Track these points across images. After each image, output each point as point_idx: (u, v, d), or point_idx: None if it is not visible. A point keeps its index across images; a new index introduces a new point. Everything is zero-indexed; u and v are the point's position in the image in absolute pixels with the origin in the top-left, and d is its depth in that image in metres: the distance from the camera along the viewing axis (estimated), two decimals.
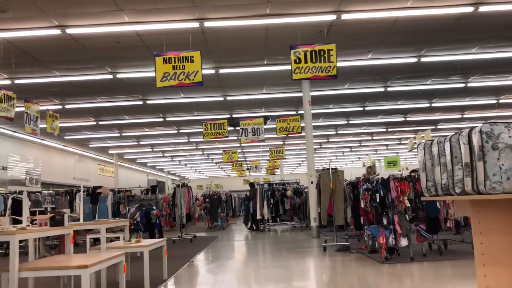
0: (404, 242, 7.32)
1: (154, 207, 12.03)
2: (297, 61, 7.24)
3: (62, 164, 22.54)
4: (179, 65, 7.13)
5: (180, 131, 19.29)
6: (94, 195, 13.21)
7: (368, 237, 8.02)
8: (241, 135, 13.02)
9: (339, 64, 11.44)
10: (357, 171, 23.31)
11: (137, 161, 29.82)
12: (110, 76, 11.47)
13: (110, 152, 24.50)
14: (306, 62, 7.21)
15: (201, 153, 26.75)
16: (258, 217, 15.74)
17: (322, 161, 39.04)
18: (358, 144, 26.62)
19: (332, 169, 9.45)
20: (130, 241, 6.31)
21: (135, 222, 11.69)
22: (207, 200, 17.65)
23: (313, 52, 7.25)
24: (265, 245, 11.43)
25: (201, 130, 19.13)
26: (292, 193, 15.36)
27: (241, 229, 17.55)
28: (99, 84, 12.16)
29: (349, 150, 29.06)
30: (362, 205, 8.02)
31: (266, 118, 16.22)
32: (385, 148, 28.83)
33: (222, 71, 11.40)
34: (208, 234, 15.97)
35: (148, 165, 32.19)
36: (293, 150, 27.35)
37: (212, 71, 11.38)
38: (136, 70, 11.23)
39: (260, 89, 13.53)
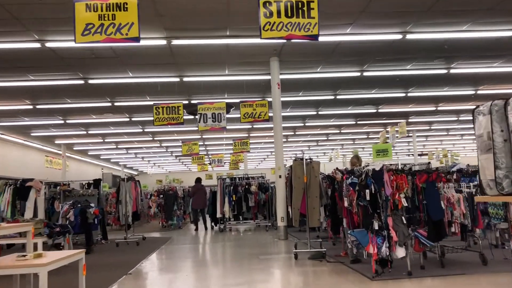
0: (400, 252, 5.66)
1: (92, 204, 9.95)
2: (268, 14, 5.43)
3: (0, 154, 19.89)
4: (108, 15, 5.19)
5: (133, 119, 17.13)
6: (22, 189, 10.99)
7: (352, 244, 6.32)
8: (199, 121, 11.10)
9: None
10: (325, 167, 21.81)
11: (89, 153, 27.28)
12: (37, 45, 9.30)
13: (56, 142, 21.96)
14: (279, 16, 5.41)
15: (159, 145, 24.57)
16: (218, 215, 13.86)
17: (287, 156, 37.48)
18: (325, 138, 25.16)
19: (306, 159, 7.71)
20: (25, 256, 4.32)
21: (68, 222, 9.58)
22: (161, 196, 15.62)
23: (289, 3, 5.45)
24: (225, 250, 9.59)
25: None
26: (257, 189, 13.57)
27: (200, 227, 15.62)
28: (26, 54, 9.97)
29: (316, 144, 27.59)
30: (346, 204, 6.32)
31: (229, 106, 14.36)
32: (352, 142, 27.57)
33: (175, 42, 9.44)
34: (161, 234, 13.95)
35: (101, 157, 29.65)
36: (258, 143, 25.60)
37: (163, 42, 9.40)
38: (70, 37, 9.13)
39: (222, 69, 11.64)
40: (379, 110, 17.90)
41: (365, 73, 12.51)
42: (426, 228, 5.88)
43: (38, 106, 14.36)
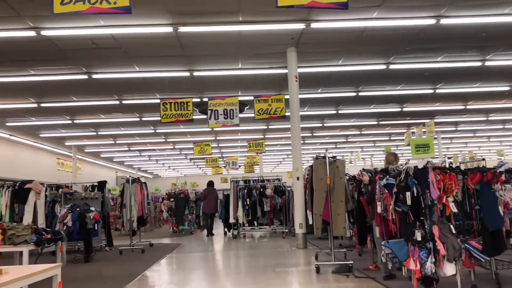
0: (449, 269, 4.57)
1: (93, 208, 9.04)
2: None
3: (10, 156, 19.27)
4: None
5: (143, 119, 16.28)
6: (21, 192, 10.18)
7: (386, 257, 5.25)
8: (209, 118, 10.14)
9: (337, 24, 8.70)
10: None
11: (101, 156, 26.59)
12: (33, 33, 8.46)
13: (67, 144, 21.28)
14: None
15: (172, 147, 23.73)
16: (232, 220, 12.86)
17: (304, 159, 36.45)
18: (345, 140, 23.97)
19: (330, 157, 6.66)
20: None
21: (65, 227, 8.70)
22: (172, 200, 14.70)
23: None
24: (238, 261, 8.57)
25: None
26: (272, 192, 12.53)
27: (214, 233, 14.65)
28: (23, 45, 9.17)
29: (334, 146, 26.40)
30: (379, 210, 5.25)
31: (243, 105, 13.41)
32: (373, 144, 26.30)
33: (182, 29, 8.50)
34: (171, 241, 13.01)
35: (114, 160, 28.95)
36: (274, 145, 24.56)
37: (169, 29, 8.47)
38: (70, 25, 8.26)
39: (235, 62, 10.67)
40: (404, 109, 16.70)
41: (391, 66, 11.39)
42: (480, 239, 4.77)
43: (43, 105, 13.60)
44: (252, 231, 14.17)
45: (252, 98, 10.68)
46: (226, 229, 14.08)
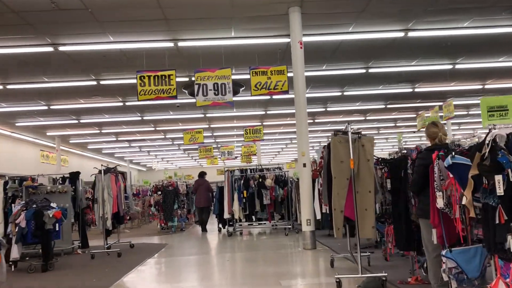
0: None
1: (54, 204, 7.23)
2: None
3: None
4: None
5: (127, 103, 14.43)
6: None
7: (449, 273, 3.49)
8: (197, 94, 8.34)
9: None
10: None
11: (88, 147, 24.72)
12: None
13: (49, 134, 19.39)
14: None
15: (163, 136, 21.89)
16: (226, 216, 11.10)
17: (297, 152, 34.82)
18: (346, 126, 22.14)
19: (353, 133, 4.90)
20: None
21: (17, 228, 6.92)
22: (159, 192, 12.92)
23: None
24: (232, 267, 6.81)
25: (155, 102, 14.44)
26: (273, 182, 10.75)
27: (206, 230, 12.91)
28: None
29: (334, 134, 24.54)
30: (440, 204, 3.49)
31: (238, 85, 11.62)
32: (376, 132, 24.54)
33: None
34: (157, 239, 11.27)
35: (103, 152, 27.08)
36: (272, 133, 22.76)
37: None
38: None
39: (227, 29, 8.85)
40: (416, 90, 14.92)
41: (410, 34, 9.59)
42: None
43: (9, 86, 11.74)
44: (250, 228, 12.41)
45: (248, 76, 8.89)
46: (220, 225, 12.34)
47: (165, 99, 8.43)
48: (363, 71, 12.21)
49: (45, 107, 14.30)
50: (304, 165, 7.96)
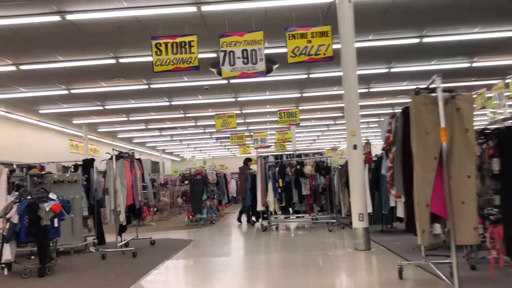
0: None
1: (53, 196, 5.95)
2: None
3: (12, 138, 16.62)
4: None
5: (152, 86, 13.15)
6: None
7: None
8: (222, 64, 6.85)
9: None
10: None
11: (118, 136, 23.82)
12: None
13: (75, 122, 18.48)
14: None
15: (194, 123, 20.61)
16: (260, 208, 9.64)
17: (331, 143, 33.02)
18: (392, 110, 20.17)
19: (445, 90, 3.27)
20: None
21: (8, 225, 5.68)
22: (186, 182, 11.59)
23: None
24: (269, 277, 5.32)
25: (184, 84, 13.14)
26: (313, 170, 9.17)
27: (238, 224, 11.52)
28: None
29: (378, 119, 22.53)
30: None
31: (271, 62, 10.13)
32: None
33: None
34: (183, 234, 9.96)
35: (134, 141, 26.17)
36: (308, 119, 21.04)
37: None
38: None
39: None
40: (473, 64, 12.91)
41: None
42: None
43: (22, 67, 10.65)
44: (287, 221, 10.91)
45: (283, 50, 7.32)
46: (253, 218, 10.90)
47: (185, 70, 6.97)
48: (417, 40, 10.37)
49: (66, 91, 13.21)
50: (355, 146, 6.36)
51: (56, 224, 5.77)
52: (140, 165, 7.72)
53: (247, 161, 11.77)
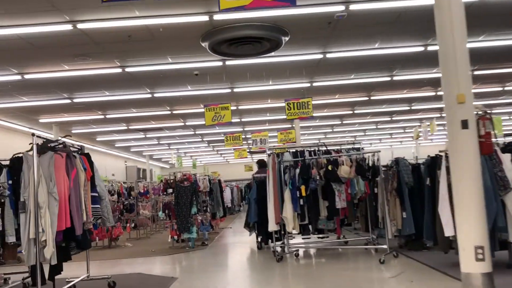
0: None
1: None
2: None
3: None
4: None
5: (126, 70, 10.11)
6: None
7: None
8: None
9: None
10: (400, 151, 13.78)
11: (98, 139, 20.65)
12: None
13: (42, 121, 15.30)
14: None
15: (182, 123, 17.52)
16: (272, 227, 6.65)
17: (343, 138, 29.28)
18: (408, 108, 17.30)
19: None
20: None
21: None
22: (170, 190, 8.58)
23: None
24: None
25: (168, 67, 10.29)
26: (353, 172, 6.19)
27: (239, 244, 8.51)
28: None
29: (390, 119, 19.63)
30: None
31: (280, 32, 7.40)
32: (402, 131, 19.67)
33: None
34: (164, 264, 6.93)
35: (116, 145, 22.95)
36: (312, 120, 18.02)
37: None
38: None
39: None
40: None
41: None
42: None
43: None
44: (308, 244, 7.89)
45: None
46: (259, 240, 7.90)
47: None
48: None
49: (19, 77, 10.15)
50: (465, 123, 3.43)
51: None
52: (87, 164, 4.69)
53: (260, 164, 8.83)
